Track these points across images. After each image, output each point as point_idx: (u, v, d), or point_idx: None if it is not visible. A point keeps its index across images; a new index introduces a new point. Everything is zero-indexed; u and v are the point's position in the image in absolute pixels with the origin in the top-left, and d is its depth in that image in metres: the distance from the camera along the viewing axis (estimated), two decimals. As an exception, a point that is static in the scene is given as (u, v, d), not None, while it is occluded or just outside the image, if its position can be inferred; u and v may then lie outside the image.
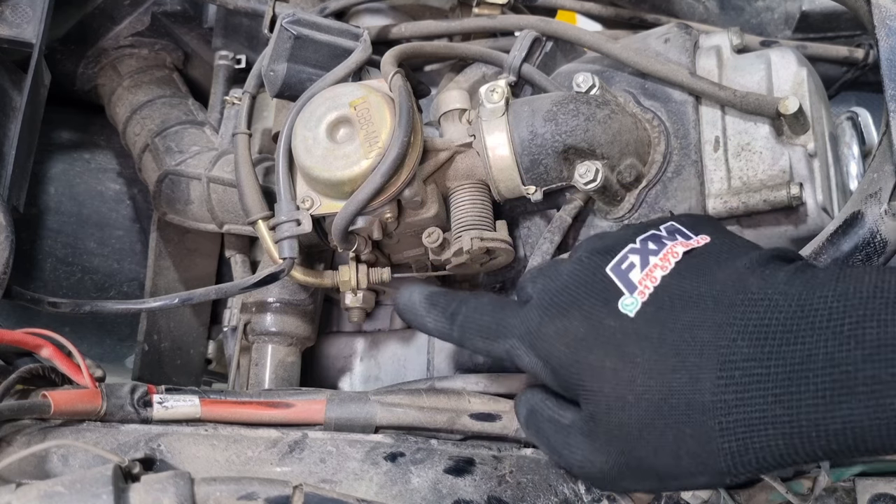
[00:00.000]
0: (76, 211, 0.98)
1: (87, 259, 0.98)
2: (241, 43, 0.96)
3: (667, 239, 0.54)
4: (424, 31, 0.83)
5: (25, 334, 0.60)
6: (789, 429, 0.43)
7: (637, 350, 0.49)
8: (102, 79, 1.00)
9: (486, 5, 0.85)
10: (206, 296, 0.75)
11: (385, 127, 0.68)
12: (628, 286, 0.52)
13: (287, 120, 0.72)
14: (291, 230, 0.70)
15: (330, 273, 0.78)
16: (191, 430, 0.61)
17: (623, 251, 0.54)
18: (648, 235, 0.55)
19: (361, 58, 0.75)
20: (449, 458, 0.63)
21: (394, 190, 0.68)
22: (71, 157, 1.00)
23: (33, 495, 0.47)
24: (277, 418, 0.63)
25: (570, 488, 0.64)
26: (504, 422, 0.66)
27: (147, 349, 0.94)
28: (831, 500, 0.71)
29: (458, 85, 0.81)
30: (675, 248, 0.53)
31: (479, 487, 0.62)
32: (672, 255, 0.53)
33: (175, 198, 0.88)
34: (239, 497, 0.51)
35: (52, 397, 0.56)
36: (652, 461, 0.49)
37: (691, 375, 0.46)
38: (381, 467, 0.61)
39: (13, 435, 0.57)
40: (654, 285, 0.51)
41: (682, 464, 0.48)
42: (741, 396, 0.45)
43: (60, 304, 0.75)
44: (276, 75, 0.75)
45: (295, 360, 0.84)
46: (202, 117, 0.94)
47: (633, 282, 0.52)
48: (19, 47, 0.78)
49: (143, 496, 0.48)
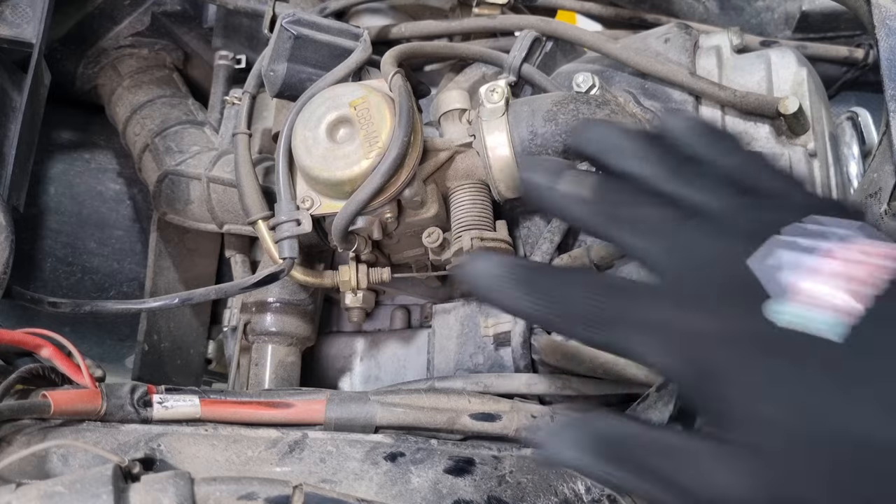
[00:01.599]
0: (76, 211, 0.98)
1: (87, 259, 0.98)
2: (241, 43, 0.96)
3: (831, 235, 0.39)
4: (424, 31, 0.83)
5: (25, 334, 0.60)
6: None
7: (821, 379, 0.35)
8: (102, 79, 1.00)
9: (486, 5, 0.85)
10: (206, 296, 0.75)
11: (385, 127, 0.68)
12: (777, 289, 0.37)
13: (287, 120, 0.72)
14: (291, 230, 0.70)
15: (330, 273, 0.78)
16: (191, 430, 0.61)
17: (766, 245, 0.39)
18: (801, 230, 0.39)
19: (361, 58, 0.75)
20: (449, 458, 0.63)
21: (394, 190, 0.68)
22: (71, 156, 1.00)
23: (33, 495, 0.47)
24: (277, 418, 0.63)
25: (570, 488, 0.64)
26: (504, 422, 0.66)
27: (147, 349, 0.94)
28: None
29: (458, 85, 0.81)
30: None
31: (479, 487, 0.62)
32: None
33: (175, 198, 0.88)
34: (239, 497, 0.51)
35: (51, 397, 0.56)
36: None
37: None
38: (381, 467, 0.61)
39: (13, 435, 0.56)
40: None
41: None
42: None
43: (60, 304, 0.75)
44: (276, 75, 0.75)
45: (295, 360, 0.84)
46: (202, 117, 0.94)
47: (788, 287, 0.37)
48: (19, 47, 0.78)
49: (142, 496, 0.48)
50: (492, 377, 0.72)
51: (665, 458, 0.38)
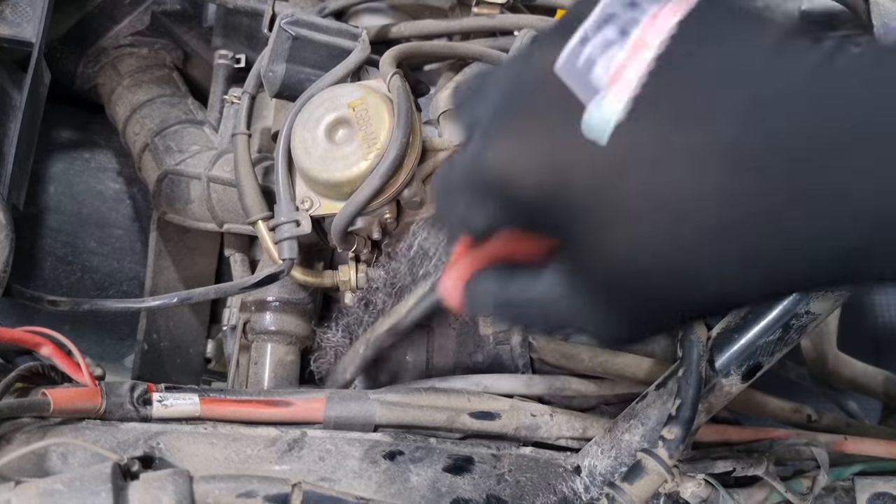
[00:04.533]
0: (76, 210, 0.98)
1: (87, 258, 0.99)
2: (241, 42, 0.96)
3: (631, 10, 0.36)
4: (423, 31, 0.83)
5: (25, 333, 0.60)
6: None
7: (620, 171, 0.36)
8: (102, 78, 1.00)
9: (486, 5, 0.85)
10: (206, 295, 0.75)
11: (383, 128, 0.68)
12: (589, 90, 0.36)
13: (286, 121, 0.72)
14: (291, 231, 0.70)
15: (330, 273, 0.78)
16: (190, 429, 0.61)
17: (572, 42, 0.37)
18: (602, 15, 0.36)
19: (360, 58, 0.75)
20: (448, 457, 0.63)
21: (393, 190, 0.68)
22: (71, 156, 1.00)
23: (32, 493, 0.47)
24: (277, 417, 0.63)
25: (568, 487, 0.64)
26: (503, 420, 0.66)
27: (146, 348, 0.94)
28: (830, 499, 0.71)
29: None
30: (654, 22, 0.35)
31: (477, 486, 0.62)
32: (652, 31, 0.35)
33: (175, 197, 0.88)
34: (238, 495, 0.51)
35: (51, 395, 0.56)
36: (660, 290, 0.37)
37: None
38: (380, 466, 0.61)
39: (12, 433, 0.57)
40: (632, 85, 0.35)
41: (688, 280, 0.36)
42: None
43: (60, 303, 0.75)
44: (274, 76, 0.75)
45: (294, 359, 0.84)
46: (202, 116, 0.94)
47: (598, 83, 0.35)
48: (19, 46, 0.78)
49: (142, 494, 0.48)
50: (491, 377, 0.72)
51: (530, 309, 0.42)
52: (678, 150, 0.34)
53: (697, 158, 0.34)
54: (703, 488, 0.63)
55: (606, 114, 0.35)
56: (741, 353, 0.63)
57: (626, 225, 0.35)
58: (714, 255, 0.35)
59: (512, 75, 0.41)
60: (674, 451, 0.60)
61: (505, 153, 0.38)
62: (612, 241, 0.36)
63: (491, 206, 0.40)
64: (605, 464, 0.65)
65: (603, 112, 0.35)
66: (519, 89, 0.39)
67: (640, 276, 0.36)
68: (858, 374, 0.95)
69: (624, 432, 0.65)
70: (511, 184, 0.38)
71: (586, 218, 0.36)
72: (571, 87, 0.36)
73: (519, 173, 0.38)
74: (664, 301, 0.38)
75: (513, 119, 0.39)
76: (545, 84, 0.37)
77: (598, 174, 0.36)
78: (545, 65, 0.37)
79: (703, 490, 0.63)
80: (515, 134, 0.39)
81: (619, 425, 0.66)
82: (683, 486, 0.63)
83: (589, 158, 0.36)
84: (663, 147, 0.34)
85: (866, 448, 0.74)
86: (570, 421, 0.69)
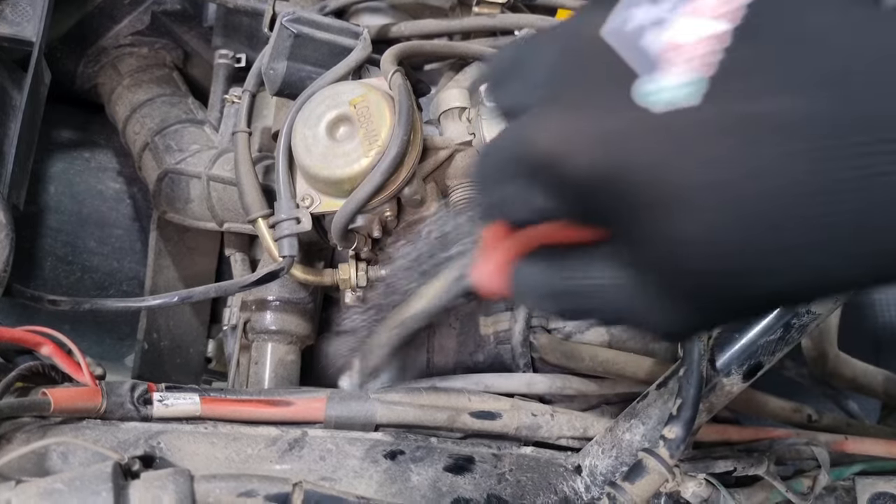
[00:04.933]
0: (76, 209, 0.98)
1: (87, 257, 0.98)
2: (241, 42, 0.96)
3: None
4: (424, 30, 0.83)
5: (25, 332, 0.60)
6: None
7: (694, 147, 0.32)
8: (102, 77, 1.00)
9: (486, 4, 0.85)
10: (206, 294, 0.75)
11: (385, 125, 0.68)
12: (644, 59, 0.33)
13: (287, 118, 0.72)
14: (291, 228, 0.70)
15: (330, 271, 0.78)
16: (190, 428, 0.61)
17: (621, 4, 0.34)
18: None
19: (361, 56, 0.75)
20: (449, 457, 0.63)
21: (393, 188, 0.68)
22: (71, 155, 1.00)
23: (33, 492, 0.47)
24: (277, 416, 0.63)
25: (569, 486, 0.64)
26: (504, 420, 0.66)
27: (147, 347, 0.94)
28: (831, 498, 0.71)
29: (458, 84, 0.81)
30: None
31: (478, 485, 0.62)
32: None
33: (175, 196, 0.88)
34: (238, 494, 0.51)
35: (52, 395, 0.56)
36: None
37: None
38: (381, 465, 0.61)
39: (13, 432, 0.57)
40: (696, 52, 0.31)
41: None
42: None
43: (60, 303, 0.75)
44: (275, 73, 0.75)
45: (295, 358, 0.84)
46: (202, 116, 0.94)
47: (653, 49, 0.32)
48: (19, 46, 0.78)
49: (142, 493, 0.48)
50: (492, 377, 0.72)
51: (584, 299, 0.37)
52: (755, 124, 0.30)
53: (779, 133, 0.30)
54: (703, 488, 0.63)
55: (664, 84, 0.31)
56: (742, 353, 0.63)
57: (694, 209, 0.31)
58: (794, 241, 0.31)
59: (555, 44, 0.37)
60: (675, 451, 0.60)
61: (555, 130, 0.34)
62: (678, 227, 0.32)
63: (540, 191, 0.35)
64: (606, 463, 0.65)
65: (659, 83, 0.31)
66: (565, 59, 0.36)
67: (710, 265, 0.32)
68: (859, 373, 0.95)
69: (625, 432, 0.65)
70: (563, 165, 0.34)
71: (648, 202, 0.32)
72: (624, 56, 0.32)
73: (572, 152, 0.34)
74: (735, 292, 0.34)
75: (561, 92, 0.35)
76: (594, 52, 0.34)
77: (661, 151, 0.32)
78: (593, 30, 0.34)
79: (704, 490, 0.63)
80: (565, 109, 0.35)
81: (620, 425, 0.66)
82: (684, 485, 0.63)
83: (650, 135, 0.32)
84: (737, 120, 0.31)
85: (866, 448, 0.74)
86: (570, 420, 0.69)
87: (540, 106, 0.36)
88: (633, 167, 0.32)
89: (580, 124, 0.34)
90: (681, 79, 0.31)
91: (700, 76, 0.31)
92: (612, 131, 0.33)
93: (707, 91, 0.31)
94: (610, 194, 0.33)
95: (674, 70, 0.31)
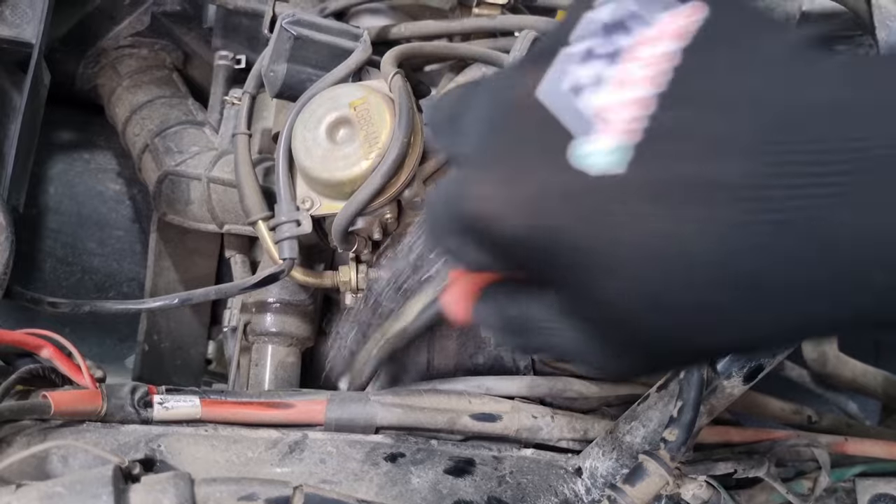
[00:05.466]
0: (76, 211, 0.98)
1: (87, 259, 0.98)
2: (241, 43, 0.96)
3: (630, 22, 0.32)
4: (424, 32, 0.83)
5: (25, 335, 0.60)
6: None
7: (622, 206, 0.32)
8: (102, 79, 0.99)
9: (486, 5, 0.85)
10: (206, 296, 0.75)
11: (385, 127, 0.68)
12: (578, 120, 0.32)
13: (287, 120, 0.72)
14: (291, 231, 0.70)
15: (330, 273, 0.78)
16: (191, 431, 0.61)
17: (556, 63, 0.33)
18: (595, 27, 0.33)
19: (361, 58, 0.75)
20: (449, 459, 0.63)
21: (394, 190, 0.68)
22: (71, 157, 1.00)
23: (33, 496, 0.47)
24: (278, 419, 0.63)
25: (570, 489, 0.64)
26: (504, 422, 0.66)
27: (147, 349, 0.94)
28: (832, 500, 0.71)
29: (458, 85, 0.81)
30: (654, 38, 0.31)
31: (479, 488, 0.62)
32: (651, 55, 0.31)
33: (175, 198, 0.88)
34: (239, 498, 0.51)
35: (52, 398, 0.56)
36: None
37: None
38: (382, 468, 0.61)
39: (13, 436, 0.56)
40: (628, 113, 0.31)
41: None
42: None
43: (60, 305, 0.75)
44: (275, 75, 0.75)
45: (295, 360, 0.84)
46: (202, 117, 0.94)
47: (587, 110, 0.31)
48: (19, 47, 0.78)
49: (143, 497, 0.48)
50: (492, 379, 0.72)
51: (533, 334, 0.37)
52: (679, 190, 0.30)
53: (709, 197, 0.30)
54: (704, 490, 0.63)
55: (598, 147, 0.31)
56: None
57: (625, 271, 0.32)
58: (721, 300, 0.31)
59: (490, 100, 0.36)
60: (675, 453, 0.60)
61: (485, 192, 0.34)
62: (607, 288, 0.32)
63: (473, 248, 0.36)
64: (607, 465, 0.65)
65: (595, 145, 0.31)
66: (498, 118, 0.35)
67: (639, 323, 0.33)
68: (859, 374, 0.95)
69: (625, 434, 0.65)
70: (492, 227, 0.34)
71: (576, 264, 0.32)
72: (557, 116, 0.32)
73: (502, 215, 0.33)
74: (668, 346, 0.34)
75: (492, 152, 0.35)
76: (527, 112, 0.33)
77: (590, 216, 0.32)
78: (527, 89, 0.33)
79: (705, 492, 0.63)
80: (496, 169, 0.34)
81: (621, 427, 0.66)
82: (685, 487, 0.63)
83: (579, 198, 0.32)
84: (662, 186, 0.30)
85: (867, 449, 0.74)
86: (571, 423, 0.69)
87: (472, 165, 0.36)
88: (563, 231, 0.32)
89: (510, 187, 0.33)
90: (611, 143, 0.30)
91: (627, 141, 0.30)
92: (544, 194, 0.32)
93: (633, 156, 0.30)
94: (542, 255, 0.33)
95: (606, 133, 0.31)
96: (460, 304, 0.41)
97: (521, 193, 0.33)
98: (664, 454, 0.60)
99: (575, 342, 0.36)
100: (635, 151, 0.30)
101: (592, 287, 0.33)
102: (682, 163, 0.30)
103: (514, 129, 0.34)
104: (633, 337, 0.34)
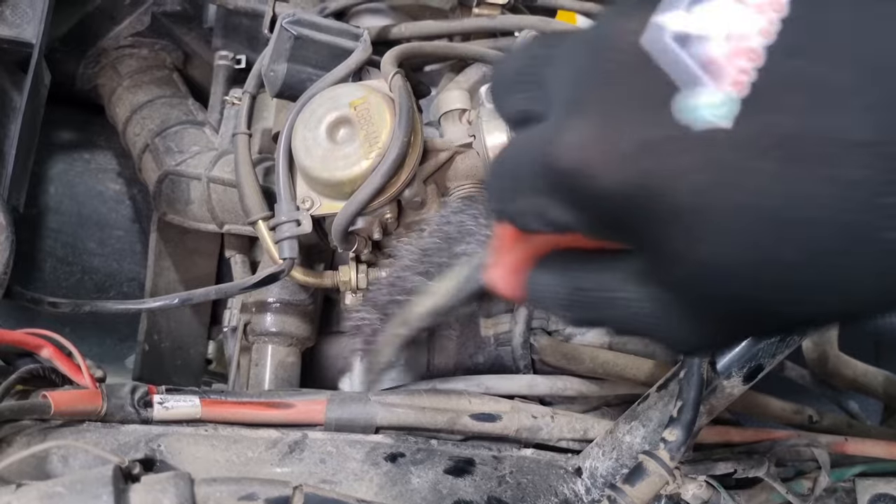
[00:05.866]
0: (76, 211, 0.98)
1: (87, 259, 0.98)
2: (241, 43, 0.96)
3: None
4: (424, 32, 0.83)
5: (26, 334, 0.60)
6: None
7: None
8: (102, 79, 1.00)
9: (486, 5, 0.85)
10: (206, 296, 0.75)
11: (385, 127, 0.68)
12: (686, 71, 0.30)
13: (287, 120, 0.72)
14: (291, 230, 0.70)
15: (330, 273, 0.78)
16: (191, 431, 0.61)
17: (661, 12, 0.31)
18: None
19: (361, 58, 0.75)
20: (449, 459, 0.63)
21: (394, 190, 0.68)
22: (71, 157, 1.00)
23: (33, 496, 0.47)
24: (278, 419, 0.63)
25: (570, 489, 0.64)
26: (504, 422, 0.66)
27: (147, 349, 0.94)
28: (832, 500, 0.71)
29: (459, 85, 0.81)
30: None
31: (479, 488, 0.62)
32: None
33: (175, 198, 0.88)
34: (239, 498, 0.51)
35: (52, 398, 0.56)
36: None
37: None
38: (382, 468, 0.61)
39: (13, 435, 0.56)
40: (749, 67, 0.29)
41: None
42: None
43: (60, 304, 0.75)
44: (276, 75, 0.75)
45: (295, 360, 0.84)
46: (202, 117, 0.94)
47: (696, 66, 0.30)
48: (19, 47, 0.78)
49: (143, 497, 0.48)
50: (493, 378, 0.72)
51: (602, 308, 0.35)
52: (798, 146, 0.28)
53: (828, 153, 0.27)
54: (704, 490, 0.63)
55: (706, 100, 0.29)
56: (743, 355, 0.63)
57: (730, 233, 0.29)
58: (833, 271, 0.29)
59: (584, 49, 0.34)
60: (675, 453, 0.60)
61: (584, 144, 0.31)
62: (713, 251, 0.30)
63: (559, 206, 0.33)
64: (607, 465, 0.65)
65: (702, 98, 0.29)
66: (595, 66, 0.32)
67: (741, 290, 0.31)
68: (859, 374, 0.95)
69: (625, 434, 0.65)
70: (591, 181, 0.31)
71: (682, 224, 0.30)
72: (662, 67, 0.30)
73: (603, 168, 0.31)
74: (764, 317, 0.32)
75: (590, 102, 0.32)
76: (629, 61, 0.31)
77: (695, 172, 0.29)
78: (629, 37, 0.31)
79: (705, 492, 0.63)
80: (595, 120, 0.32)
81: (621, 427, 0.66)
82: (685, 487, 0.63)
83: (683, 153, 0.29)
84: (778, 141, 0.28)
85: (867, 449, 0.74)
86: (571, 422, 0.69)
87: (564, 116, 0.33)
88: (665, 188, 0.30)
89: (613, 138, 0.31)
90: (720, 96, 0.29)
91: (736, 94, 0.29)
92: (650, 147, 0.30)
93: (742, 110, 0.29)
94: (640, 213, 0.31)
95: (714, 86, 0.29)
96: (511, 275, 0.38)
97: (621, 146, 0.31)
98: (664, 454, 0.60)
99: (650, 314, 0.33)
100: (743, 105, 0.29)
101: (690, 248, 0.30)
102: (796, 117, 0.28)
103: (614, 78, 0.32)
104: (727, 306, 0.32)
